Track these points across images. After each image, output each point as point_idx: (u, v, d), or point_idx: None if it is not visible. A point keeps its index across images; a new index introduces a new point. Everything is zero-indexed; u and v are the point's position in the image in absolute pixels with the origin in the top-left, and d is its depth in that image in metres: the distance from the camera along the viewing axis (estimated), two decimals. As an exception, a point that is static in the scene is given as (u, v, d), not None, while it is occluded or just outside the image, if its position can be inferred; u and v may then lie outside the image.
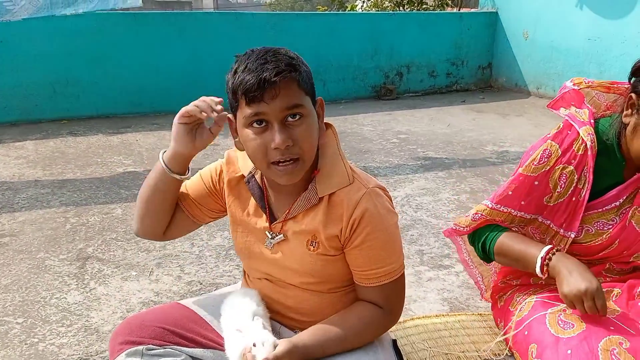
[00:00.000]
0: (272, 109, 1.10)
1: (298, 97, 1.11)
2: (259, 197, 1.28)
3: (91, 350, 1.86)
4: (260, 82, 1.07)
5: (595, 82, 1.49)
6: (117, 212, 3.08)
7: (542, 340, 1.42)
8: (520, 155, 4.20)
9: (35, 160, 4.04)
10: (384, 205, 1.21)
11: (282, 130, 1.11)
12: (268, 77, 1.07)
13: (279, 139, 1.10)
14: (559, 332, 1.39)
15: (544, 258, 1.36)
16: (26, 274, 2.39)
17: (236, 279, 2.29)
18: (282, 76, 1.08)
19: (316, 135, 1.17)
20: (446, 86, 7.17)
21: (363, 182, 1.22)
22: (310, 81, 1.16)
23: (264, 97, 1.09)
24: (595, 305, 1.27)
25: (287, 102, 1.10)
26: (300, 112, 1.12)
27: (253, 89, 1.08)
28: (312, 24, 6.28)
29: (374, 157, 4.17)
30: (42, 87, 5.29)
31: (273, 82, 1.07)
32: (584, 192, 1.42)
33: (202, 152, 1.33)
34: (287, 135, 1.11)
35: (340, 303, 1.29)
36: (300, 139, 1.12)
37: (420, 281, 2.30)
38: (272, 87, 1.08)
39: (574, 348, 1.33)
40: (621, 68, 5.60)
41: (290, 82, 1.10)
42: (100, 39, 5.35)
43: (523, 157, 1.54)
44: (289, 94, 1.10)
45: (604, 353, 1.28)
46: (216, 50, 5.74)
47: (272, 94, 1.09)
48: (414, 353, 1.76)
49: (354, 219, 1.18)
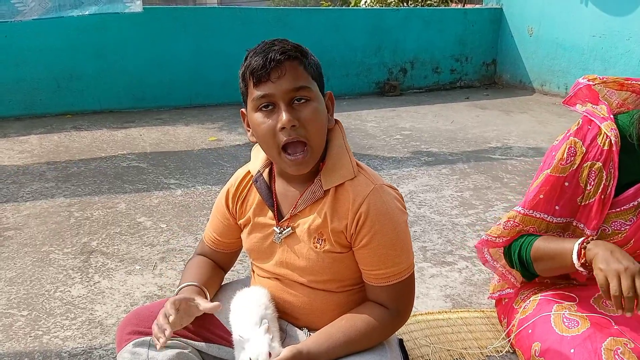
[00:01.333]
0: (278, 89, 1.12)
1: (304, 79, 1.14)
2: (266, 196, 1.28)
3: (95, 344, 1.87)
4: (267, 61, 1.11)
5: (610, 79, 1.47)
6: (121, 206, 3.10)
7: (545, 338, 1.41)
8: (524, 152, 4.19)
9: (40, 155, 4.06)
10: (392, 203, 1.20)
11: (289, 110, 1.13)
12: (274, 56, 1.11)
13: (285, 118, 1.12)
14: (563, 330, 1.39)
15: (582, 243, 1.31)
16: (31, 267, 2.40)
17: (239, 274, 2.29)
18: (287, 55, 1.12)
19: (324, 121, 1.19)
20: (450, 82, 7.16)
21: (371, 179, 1.21)
22: (318, 70, 1.19)
23: (270, 76, 1.12)
24: (634, 285, 1.15)
25: (293, 82, 1.12)
26: (306, 95, 1.14)
27: (259, 67, 1.12)
28: (315, 19, 6.27)
29: (377, 153, 4.17)
30: (46, 81, 5.30)
31: (279, 60, 1.11)
32: (610, 189, 1.39)
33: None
34: (293, 115, 1.13)
35: (349, 302, 1.27)
36: (306, 121, 1.14)
37: (423, 277, 2.30)
38: (278, 66, 1.11)
39: (577, 347, 1.32)
40: (626, 65, 5.58)
41: (296, 64, 1.13)
42: (104, 33, 5.36)
43: (546, 158, 1.51)
44: (294, 75, 1.13)
45: (607, 353, 1.28)
46: (220, 45, 5.74)
47: (278, 73, 1.12)
48: (416, 349, 1.76)
49: (359, 214, 1.17)
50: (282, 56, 1.11)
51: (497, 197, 3.26)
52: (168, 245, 2.62)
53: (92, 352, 1.83)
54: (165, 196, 3.26)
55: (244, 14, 5.92)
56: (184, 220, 2.90)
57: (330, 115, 1.23)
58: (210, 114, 5.48)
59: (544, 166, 1.50)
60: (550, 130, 4.82)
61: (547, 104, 6.05)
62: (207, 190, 3.35)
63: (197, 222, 2.87)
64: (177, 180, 3.53)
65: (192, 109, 5.65)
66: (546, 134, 4.70)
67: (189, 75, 5.71)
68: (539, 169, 1.52)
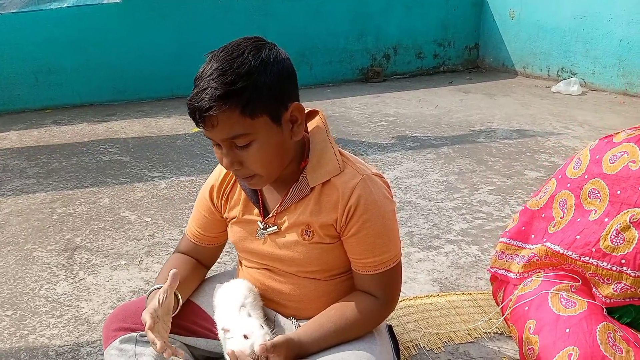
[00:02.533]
0: (214, 136, 1.08)
1: (239, 127, 1.05)
2: (250, 192, 1.26)
3: (82, 341, 1.85)
4: (196, 112, 1.04)
5: None
6: (105, 201, 3.06)
7: (541, 317, 1.42)
8: (508, 134, 4.21)
9: (20, 151, 3.98)
10: (380, 192, 1.20)
11: (229, 153, 1.10)
12: (202, 106, 1.02)
13: (225, 162, 1.11)
14: (560, 310, 1.40)
15: None
16: (14, 266, 2.36)
17: (227, 265, 2.28)
18: (215, 109, 1.02)
19: (275, 151, 1.12)
20: (433, 67, 7.14)
21: (358, 170, 1.20)
22: (270, 92, 1.06)
23: (205, 124, 1.06)
24: None
25: (226, 133, 1.06)
26: (245, 140, 1.07)
27: (192, 116, 1.06)
28: (297, 6, 6.20)
29: (362, 140, 4.16)
30: (24, 76, 5.19)
31: (207, 110, 1.02)
32: None
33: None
34: (233, 159, 1.10)
35: (338, 290, 1.28)
36: (248, 162, 1.10)
37: (410, 262, 2.31)
38: (209, 117, 1.03)
39: (573, 327, 1.33)
40: (607, 46, 5.61)
41: (229, 112, 1.03)
42: (82, 25, 5.25)
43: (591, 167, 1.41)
44: (228, 124, 1.04)
45: (601, 335, 1.29)
46: (201, 34, 5.66)
47: (210, 124, 1.05)
48: (405, 334, 1.77)
49: (349, 206, 1.16)
50: (211, 106, 1.02)
51: (482, 180, 3.27)
52: (153, 239, 2.60)
53: (80, 349, 1.81)
54: (149, 189, 3.22)
55: (224, 3, 5.83)
56: (169, 213, 2.87)
57: (299, 125, 1.14)
58: (193, 105, 5.41)
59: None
60: (532, 113, 4.85)
61: (530, 86, 6.07)
62: (192, 182, 3.32)
63: (182, 215, 2.85)
64: (161, 173, 3.50)
65: (174, 100, 5.57)
66: (529, 117, 4.73)
67: (169, 66, 5.63)
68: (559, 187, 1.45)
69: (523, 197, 2.98)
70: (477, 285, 2.13)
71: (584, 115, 4.74)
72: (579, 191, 1.47)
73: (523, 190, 3.09)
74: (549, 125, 4.44)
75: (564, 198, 1.51)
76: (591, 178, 1.43)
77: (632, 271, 1.35)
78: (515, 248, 1.68)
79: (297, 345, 1.15)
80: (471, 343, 1.73)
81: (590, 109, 4.96)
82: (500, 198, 3.00)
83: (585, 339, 1.29)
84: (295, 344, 1.15)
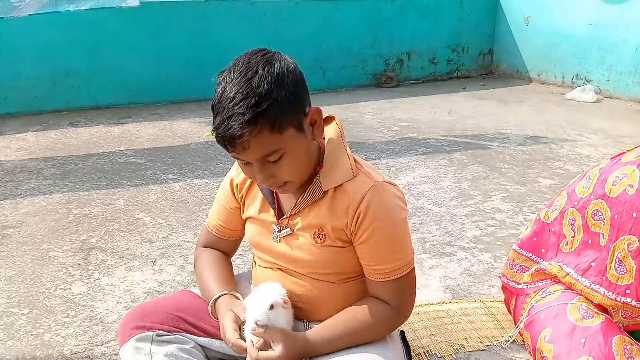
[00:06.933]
0: (245, 157, 1.10)
1: (271, 145, 1.07)
2: (267, 193, 1.29)
3: (96, 340, 1.88)
4: (227, 140, 1.05)
5: None
6: (120, 202, 3.09)
7: (558, 326, 1.41)
8: (522, 141, 4.19)
9: (37, 152, 4.04)
10: (390, 200, 1.20)
11: (262, 169, 1.11)
12: (234, 134, 1.03)
13: (260, 179, 1.13)
14: (578, 320, 1.39)
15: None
16: (30, 266, 2.40)
17: (239, 269, 2.30)
18: (248, 134, 1.03)
19: (304, 156, 1.16)
20: (447, 73, 7.13)
21: (370, 177, 1.21)
22: (291, 103, 1.07)
23: (236, 149, 1.07)
24: None
25: (259, 153, 1.08)
26: (277, 155, 1.09)
27: (222, 144, 1.08)
28: (311, 11, 6.23)
29: (375, 145, 4.17)
30: (41, 78, 5.26)
31: (240, 139, 1.04)
32: None
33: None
34: (267, 174, 1.12)
35: (351, 293, 1.28)
36: (282, 173, 1.13)
37: (422, 269, 2.31)
38: (240, 142, 1.05)
39: (589, 337, 1.33)
40: (622, 54, 5.57)
41: (258, 133, 1.04)
42: (99, 28, 5.31)
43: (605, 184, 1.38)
44: (260, 144, 1.06)
45: (617, 346, 1.29)
46: (215, 38, 5.70)
47: (242, 147, 1.06)
48: (417, 340, 1.77)
49: (359, 212, 1.17)
50: (243, 133, 1.02)
51: (495, 187, 3.26)
52: (167, 241, 2.62)
53: (94, 349, 1.84)
54: (164, 191, 3.26)
55: (239, 8, 5.88)
56: (183, 216, 2.90)
57: (319, 127, 1.17)
58: (207, 109, 5.35)
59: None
60: (547, 120, 4.82)
61: (544, 93, 6.04)
62: (205, 185, 3.34)
63: (196, 218, 2.87)
64: (175, 176, 3.53)
65: (189, 103, 5.62)
66: (543, 124, 4.70)
67: (185, 70, 5.68)
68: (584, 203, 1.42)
69: (536, 205, 2.96)
70: (489, 292, 2.12)
71: (599, 122, 4.71)
72: (584, 211, 1.45)
73: (536, 198, 3.07)
74: (563, 133, 4.41)
75: (572, 217, 1.49)
76: (595, 199, 1.41)
77: (636, 302, 1.34)
78: (524, 259, 1.67)
79: (302, 339, 1.17)
80: (482, 351, 1.73)
81: (605, 117, 4.92)
82: (513, 205, 2.98)
83: (600, 350, 1.28)
84: (300, 338, 1.18)
